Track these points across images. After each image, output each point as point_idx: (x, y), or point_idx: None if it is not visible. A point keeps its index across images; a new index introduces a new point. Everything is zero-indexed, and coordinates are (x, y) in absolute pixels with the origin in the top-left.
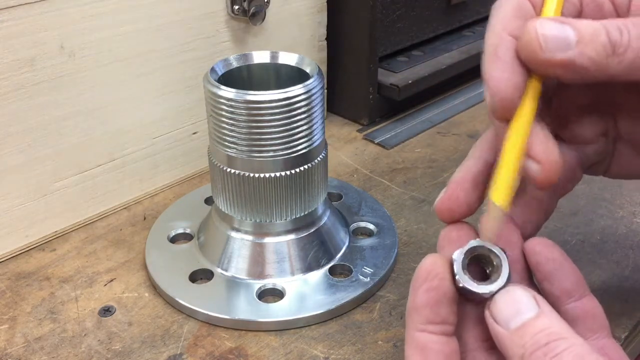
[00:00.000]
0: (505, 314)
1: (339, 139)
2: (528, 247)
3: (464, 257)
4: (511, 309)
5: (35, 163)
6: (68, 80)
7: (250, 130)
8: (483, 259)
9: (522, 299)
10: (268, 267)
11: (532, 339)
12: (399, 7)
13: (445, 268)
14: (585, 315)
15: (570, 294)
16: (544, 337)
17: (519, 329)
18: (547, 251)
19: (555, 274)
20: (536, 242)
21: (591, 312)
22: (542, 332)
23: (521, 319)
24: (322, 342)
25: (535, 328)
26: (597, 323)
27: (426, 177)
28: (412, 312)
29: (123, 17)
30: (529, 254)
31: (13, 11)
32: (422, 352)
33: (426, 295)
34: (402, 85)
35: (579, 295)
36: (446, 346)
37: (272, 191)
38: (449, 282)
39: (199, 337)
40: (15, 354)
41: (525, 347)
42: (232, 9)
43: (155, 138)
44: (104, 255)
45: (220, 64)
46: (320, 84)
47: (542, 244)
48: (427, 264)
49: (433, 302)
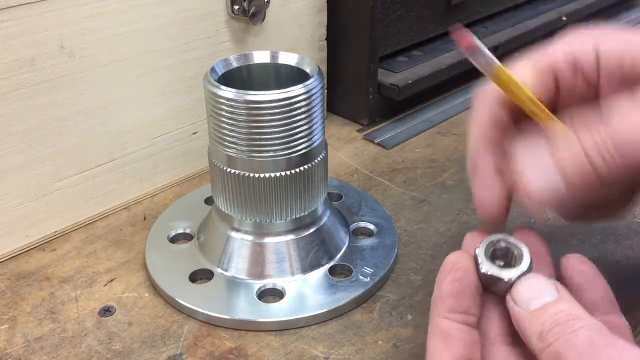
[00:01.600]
0: (526, 296)
1: (339, 139)
2: (564, 261)
3: (487, 247)
4: (532, 292)
5: (35, 163)
6: (68, 80)
7: (250, 130)
8: (504, 254)
9: (543, 284)
10: (268, 267)
11: (551, 318)
12: (399, 7)
13: (469, 261)
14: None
15: (597, 307)
16: (563, 316)
17: (539, 310)
18: (580, 265)
19: (585, 286)
20: (571, 256)
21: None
22: (561, 312)
23: (542, 301)
24: (322, 342)
25: (554, 309)
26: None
27: (426, 177)
28: (437, 301)
29: (123, 17)
30: (564, 267)
31: (13, 11)
32: (445, 338)
33: (450, 286)
34: (402, 85)
35: (606, 310)
36: (468, 335)
37: (272, 191)
38: (472, 274)
39: (199, 337)
40: (15, 354)
41: (544, 325)
42: (232, 9)
43: (155, 138)
44: (104, 255)
45: (220, 64)
46: (320, 84)
47: (577, 258)
48: (452, 257)
49: (457, 292)
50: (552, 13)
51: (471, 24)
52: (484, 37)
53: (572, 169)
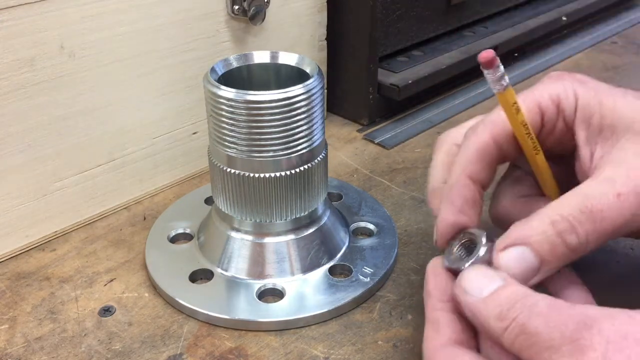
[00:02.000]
0: (476, 284)
1: (339, 139)
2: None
3: (456, 241)
4: (481, 280)
5: (35, 163)
6: (68, 80)
7: (250, 130)
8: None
9: (489, 273)
10: (268, 267)
11: (507, 298)
12: (399, 7)
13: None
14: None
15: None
16: (519, 294)
17: (492, 294)
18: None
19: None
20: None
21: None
22: (516, 292)
23: (493, 286)
24: (322, 342)
25: (507, 291)
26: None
27: (426, 177)
28: (425, 297)
29: (123, 17)
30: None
31: (13, 11)
32: (434, 326)
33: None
34: (402, 85)
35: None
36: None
37: (272, 191)
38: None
39: (199, 337)
40: (15, 354)
41: (502, 305)
42: (232, 9)
43: (155, 138)
44: (104, 255)
45: (220, 64)
46: (320, 84)
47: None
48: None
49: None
50: (552, 13)
51: (471, 24)
52: (484, 37)
53: (551, 257)
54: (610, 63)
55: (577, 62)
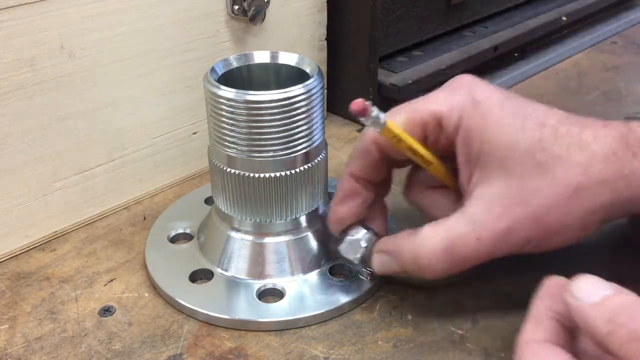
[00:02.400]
0: (587, 291)
1: (339, 139)
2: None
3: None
4: (593, 287)
5: (35, 163)
6: (68, 80)
7: (250, 130)
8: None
9: (601, 282)
10: (268, 267)
11: (618, 304)
12: (399, 7)
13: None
14: None
15: None
16: (628, 302)
17: (602, 300)
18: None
19: None
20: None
21: None
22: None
23: (604, 293)
24: (322, 342)
25: (617, 298)
26: None
27: None
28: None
29: (123, 17)
30: None
31: (13, 11)
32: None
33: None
34: (402, 85)
35: None
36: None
37: (272, 191)
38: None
39: (199, 337)
40: (15, 354)
41: (612, 310)
42: (232, 9)
43: (155, 138)
44: (104, 255)
45: (220, 64)
46: (320, 84)
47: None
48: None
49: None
50: (552, 13)
51: (471, 24)
52: (484, 37)
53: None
54: (610, 63)
55: (577, 62)
